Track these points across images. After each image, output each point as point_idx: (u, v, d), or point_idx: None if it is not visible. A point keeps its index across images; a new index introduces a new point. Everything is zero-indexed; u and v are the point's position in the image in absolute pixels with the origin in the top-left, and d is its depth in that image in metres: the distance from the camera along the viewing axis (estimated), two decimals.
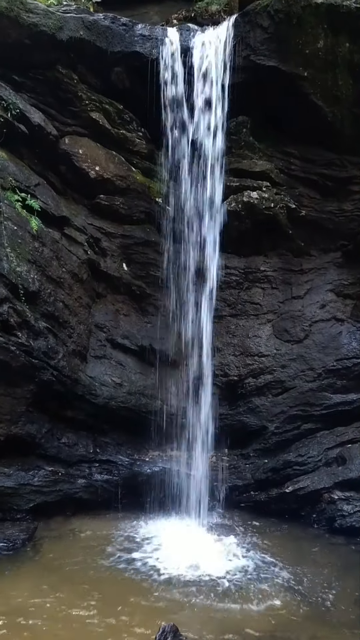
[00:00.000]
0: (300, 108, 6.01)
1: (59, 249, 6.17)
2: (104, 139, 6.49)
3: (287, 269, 6.76)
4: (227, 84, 5.96)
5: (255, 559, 5.06)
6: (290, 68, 5.81)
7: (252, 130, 6.40)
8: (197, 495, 6.06)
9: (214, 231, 6.43)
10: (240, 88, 6.01)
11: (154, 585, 4.40)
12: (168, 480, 6.15)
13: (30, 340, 5.53)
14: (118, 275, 6.79)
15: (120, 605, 4.04)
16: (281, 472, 6.39)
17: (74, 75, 6.18)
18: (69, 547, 5.04)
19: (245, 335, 6.78)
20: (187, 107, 6.22)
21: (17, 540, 4.86)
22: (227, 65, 5.88)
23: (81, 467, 6.14)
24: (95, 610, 3.92)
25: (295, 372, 6.57)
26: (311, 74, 5.80)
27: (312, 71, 5.79)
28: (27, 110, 5.98)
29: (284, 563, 5.02)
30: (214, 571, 4.71)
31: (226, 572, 4.73)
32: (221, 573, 4.70)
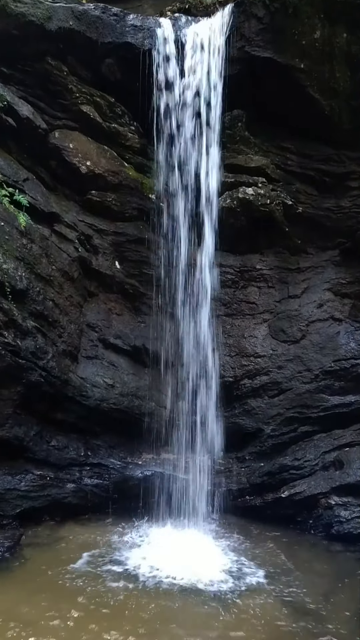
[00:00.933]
0: (296, 101, 5.85)
1: (49, 246, 6.00)
2: (95, 133, 6.32)
3: (283, 268, 6.60)
4: (222, 75, 5.77)
5: (250, 567, 4.87)
6: (286, 59, 5.64)
7: (248, 125, 6.23)
8: (191, 500, 5.89)
9: (208, 228, 6.24)
10: (235, 80, 5.84)
11: (143, 596, 4.20)
12: (161, 484, 5.97)
13: (18, 340, 5.34)
14: (110, 274, 6.63)
15: (104, 619, 3.84)
16: (277, 476, 6.22)
17: (63, 67, 6.01)
18: (55, 556, 4.84)
19: (241, 336, 6.62)
20: (180, 99, 6.03)
21: (0, 548, 4.66)
22: (222, 57, 5.70)
23: (71, 470, 5.95)
24: (74, 623, 3.72)
25: (292, 373, 6.41)
26: (308, 66, 5.64)
27: (308, 63, 5.63)
28: (15, 102, 5.81)
29: (279, 571, 4.84)
30: (206, 581, 4.51)
31: (220, 582, 4.54)
32: (214, 582, 4.51)
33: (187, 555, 4.90)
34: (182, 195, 6.37)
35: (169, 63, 5.89)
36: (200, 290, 6.36)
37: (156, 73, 5.99)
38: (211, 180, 6.17)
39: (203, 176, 6.17)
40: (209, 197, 6.23)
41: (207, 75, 5.80)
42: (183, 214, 6.35)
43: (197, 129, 6.07)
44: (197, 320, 6.34)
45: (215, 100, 5.88)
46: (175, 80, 5.94)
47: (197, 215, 6.30)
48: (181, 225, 6.41)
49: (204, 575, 4.59)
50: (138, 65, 5.89)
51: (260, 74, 5.79)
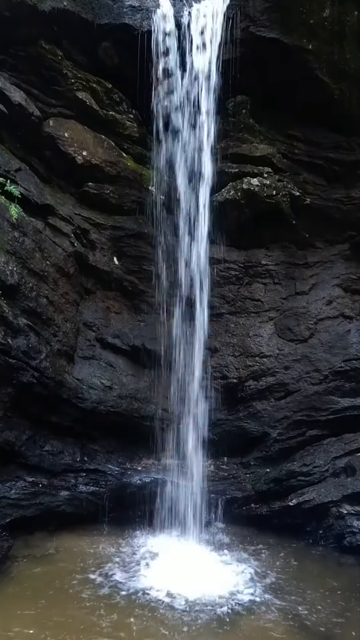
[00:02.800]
0: (304, 85, 5.53)
1: (42, 240, 5.69)
2: (92, 121, 6.02)
3: (290, 263, 6.28)
4: (224, 58, 5.45)
5: (255, 582, 4.52)
6: (293, 40, 5.32)
7: (252, 112, 5.92)
8: (193, 508, 5.55)
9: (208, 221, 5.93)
10: (238, 64, 5.52)
11: (141, 616, 3.85)
12: (160, 491, 5.64)
13: (8, 338, 5.02)
14: (108, 270, 6.32)
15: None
16: (284, 483, 5.87)
17: (58, 51, 5.71)
18: (46, 570, 4.49)
19: (246, 335, 6.30)
20: (181, 84, 5.72)
21: None
22: (224, 38, 5.38)
23: (66, 477, 5.62)
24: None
25: (299, 374, 6.08)
26: (316, 47, 5.32)
27: (317, 43, 5.31)
28: (7, 88, 5.51)
29: (287, 586, 4.49)
30: (208, 598, 4.17)
31: (223, 599, 4.19)
32: (216, 599, 4.16)
33: (188, 570, 4.56)
34: (182, 187, 6.05)
35: (169, 45, 5.57)
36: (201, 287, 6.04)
37: (155, 56, 5.67)
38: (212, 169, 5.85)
39: (205, 166, 5.85)
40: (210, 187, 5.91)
41: (209, 58, 5.47)
42: (183, 206, 6.02)
43: (198, 115, 5.73)
44: (199, 319, 6.01)
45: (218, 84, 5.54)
46: (175, 63, 5.63)
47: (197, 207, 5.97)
48: (181, 218, 6.09)
49: (207, 593, 4.24)
50: (136, 48, 5.60)
51: (265, 56, 5.47)
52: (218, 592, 4.27)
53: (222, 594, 4.24)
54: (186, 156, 6.00)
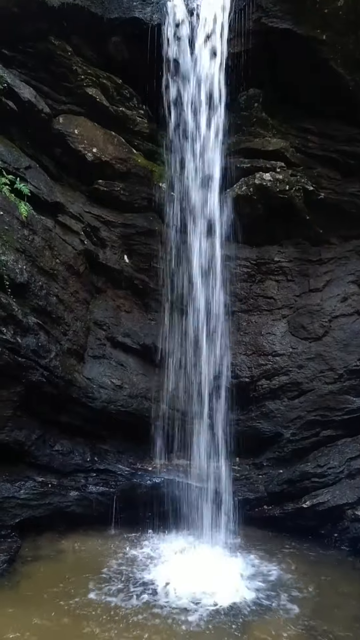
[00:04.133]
0: (318, 77, 5.38)
1: (52, 238, 5.64)
2: (102, 117, 5.95)
3: (304, 259, 6.15)
4: (236, 50, 5.34)
5: (267, 587, 4.41)
6: (307, 31, 5.17)
7: (264, 105, 5.78)
8: (204, 509, 5.45)
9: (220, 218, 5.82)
10: (250, 56, 5.40)
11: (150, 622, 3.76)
12: (172, 492, 5.55)
13: (18, 337, 4.98)
14: (119, 268, 6.25)
15: None
16: (298, 484, 5.75)
17: (67, 46, 5.64)
18: (55, 571, 4.43)
19: (258, 333, 6.18)
20: (192, 78, 5.62)
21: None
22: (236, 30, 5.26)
23: (76, 477, 5.57)
24: None
25: (313, 372, 5.95)
26: (330, 37, 5.16)
27: (331, 34, 5.15)
28: (16, 84, 5.46)
29: (300, 591, 4.37)
30: (220, 601, 4.08)
31: (234, 603, 4.08)
32: (227, 604, 4.06)
33: (200, 574, 4.45)
34: (193, 183, 5.95)
35: (179, 38, 5.47)
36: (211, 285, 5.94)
37: (166, 52, 5.58)
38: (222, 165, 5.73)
39: (217, 161, 5.74)
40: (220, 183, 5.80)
41: (220, 51, 5.35)
42: (194, 202, 5.92)
43: (208, 110, 5.62)
44: (209, 317, 5.91)
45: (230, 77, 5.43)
46: (185, 56, 5.52)
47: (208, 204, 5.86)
48: (191, 215, 5.99)
49: (219, 596, 4.14)
50: (146, 43, 5.50)
51: (278, 47, 5.34)
52: (229, 595, 4.17)
53: (233, 598, 4.14)
54: (197, 152, 5.89)
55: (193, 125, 5.83)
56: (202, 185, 5.97)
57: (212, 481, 5.68)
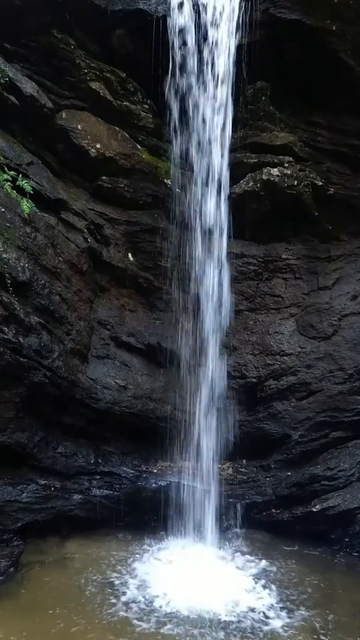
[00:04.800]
0: (327, 69, 5.26)
1: (55, 236, 5.52)
2: (106, 112, 5.83)
3: (312, 257, 6.01)
4: (243, 42, 5.20)
5: (276, 594, 4.27)
6: (316, 21, 5.05)
7: (272, 98, 5.65)
8: (211, 513, 5.32)
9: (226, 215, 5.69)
10: (257, 48, 5.26)
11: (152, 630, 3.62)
12: (177, 495, 5.42)
13: (20, 337, 4.85)
14: (123, 267, 6.13)
15: None
16: (307, 487, 5.60)
17: (70, 40, 5.53)
18: (57, 577, 4.31)
19: (265, 332, 6.05)
20: (198, 71, 5.48)
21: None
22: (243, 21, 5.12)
23: (80, 480, 5.44)
24: None
25: (322, 372, 5.82)
26: (340, 28, 5.04)
27: (341, 24, 5.03)
28: (18, 79, 5.34)
29: (309, 600, 4.22)
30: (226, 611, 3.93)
31: (241, 612, 3.94)
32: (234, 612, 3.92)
33: (205, 581, 4.32)
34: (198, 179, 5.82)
35: (185, 31, 5.34)
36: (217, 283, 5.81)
37: (172, 45, 5.44)
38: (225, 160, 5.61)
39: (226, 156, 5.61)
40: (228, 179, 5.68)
41: (227, 43, 5.22)
42: (199, 199, 5.79)
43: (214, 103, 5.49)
44: (216, 316, 5.78)
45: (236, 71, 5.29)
46: (191, 49, 5.39)
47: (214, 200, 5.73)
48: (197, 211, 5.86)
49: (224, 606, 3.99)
50: (151, 35, 5.37)
51: (286, 39, 5.21)
52: (236, 604, 4.03)
53: (240, 607, 4.00)
54: (203, 147, 5.76)
55: (199, 120, 5.70)
56: (208, 181, 5.84)
57: (218, 484, 5.54)
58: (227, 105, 5.49)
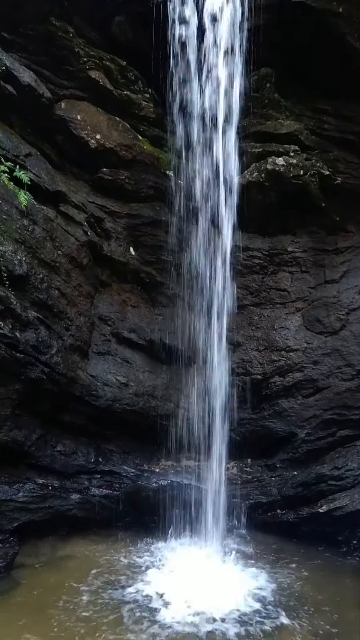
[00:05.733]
0: (334, 53, 5.08)
1: (54, 229, 5.38)
2: (106, 102, 5.69)
3: (319, 249, 5.83)
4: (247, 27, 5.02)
5: (281, 599, 4.09)
6: (322, 3, 4.88)
7: (277, 85, 5.48)
8: (214, 513, 5.15)
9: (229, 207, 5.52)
10: (262, 33, 5.08)
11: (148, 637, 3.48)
12: (179, 495, 5.27)
13: (16, 332, 4.72)
14: (124, 261, 5.99)
15: None
16: (313, 487, 5.43)
17: (69, 28, 5.40)
18: (54, 579, 4.17)
19: (271, 327, 5.88)
20: (200, 59, 5.32)
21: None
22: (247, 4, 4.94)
23: (79, 479, 5.31)
24: None
25: (329, 369, 5.63)
26: (347, 10, 4.86)
27: (347, 6, 4.86)
28: (16, 68, 5.21)
29: (316, 606, 4.04)
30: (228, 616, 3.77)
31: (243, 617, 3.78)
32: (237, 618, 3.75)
33: (208, 584, 4.16)
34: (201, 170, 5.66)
35: (186, 15, 5.17)
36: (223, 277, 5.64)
37: (172, 30, 5.28)
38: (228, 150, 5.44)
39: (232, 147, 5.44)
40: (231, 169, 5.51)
41: (229, 27, 5.04)
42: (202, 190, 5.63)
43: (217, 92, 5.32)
44: (219, 311, 5.62)
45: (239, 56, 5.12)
46: (193, 34, 5.23)
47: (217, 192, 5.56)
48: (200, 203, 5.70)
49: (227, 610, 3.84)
50: (151, 22, 5.22)
51: (292, 23, 5.02)
52: (239, 609, 3.88)
53: (243, 612, 3.84)
54: (205, 137, 5.60)
55: (201, 109, 5.53)
56: (211, 172, 5.68)
57: (222, 483, 5.38)
58: (231, 92, 5.31)
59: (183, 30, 5.28)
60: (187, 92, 5.52)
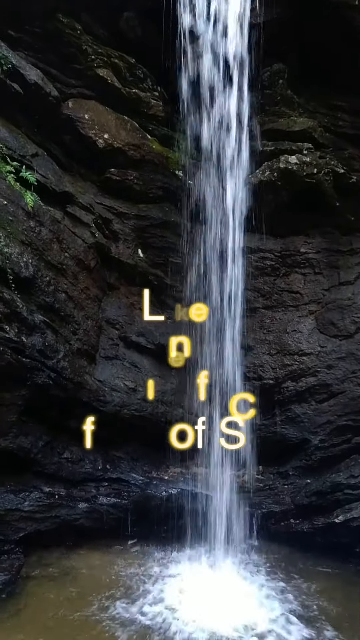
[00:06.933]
0: (349, 48, 4.90)
1: (61, 230, 5.26)
2: (114, 100, 5.56)
3: (333, 250, 5.66)
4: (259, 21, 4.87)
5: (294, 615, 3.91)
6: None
7: (290, 82, 5.31)
8: (224, 523, 4.99)
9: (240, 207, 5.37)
10: (274, 28, 4.93)
11: None
12: (189, 504, 5.11)
13: (22, 336, 4.59)
14: (132, 263, 5.85)
15: None
16: (328, 496, 5.24)
17: (77, 25, 5.28)
18: (59, 592, 4.03)
19: (283, 331, 5.72)
20: (212, 53, 5.17)
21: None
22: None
23: (86, 487, 5.17)
24: None
25: (344, 373, 5.46)
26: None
27: None
28: (22, 66, 5.09)
29: (331, 623, 3.85)
30: (239, 635, 3.59)
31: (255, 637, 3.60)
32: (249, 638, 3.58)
33: (220, 601, 3.99)
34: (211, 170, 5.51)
35: (197, 8, 5.02)
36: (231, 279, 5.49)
37: (182, 25, 5.14)
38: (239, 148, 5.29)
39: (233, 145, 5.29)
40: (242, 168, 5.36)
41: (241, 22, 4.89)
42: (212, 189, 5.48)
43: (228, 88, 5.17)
44: (230, 314, 5.47)
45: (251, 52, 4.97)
46: (205, 30, 5.07)
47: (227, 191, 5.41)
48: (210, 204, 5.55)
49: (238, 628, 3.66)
50: (161, 17, 5.06)
51: (305, 16, 4.86)
52: (253, 627, 3.70)
53: (257, 631, 3.66)
54: (216, 135, 5.45)
55: (212, 106, 5.39)
56: (222, 172, 5.53)
57: (233, 492, 5.22)
58: (243, 89, 5.16)
59: (194, 24, 5.12)
60: (197, 89, 5.38)
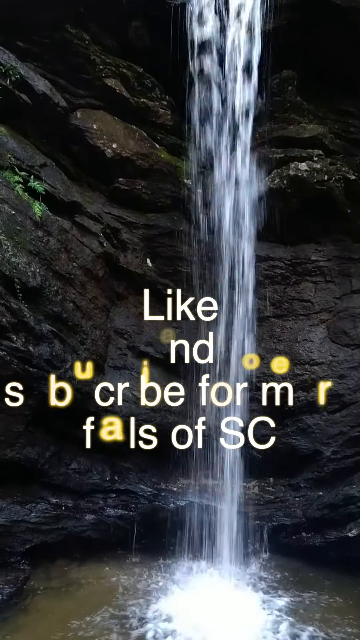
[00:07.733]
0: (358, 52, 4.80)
1: (69, 240, 5.25)
2: (122, 110, 5.57)
3: (344, 258, 5.58)
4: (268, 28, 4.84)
5: (309, 636, 3.78)
6: (347, 1, 4.62)
7: (300, 88, 5.27)
8: (235, 536, 4.89)
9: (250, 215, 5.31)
10: (284, 34, 4.89)
11: None
12: (198, 516, 5.02)
13: (29, 346, 4.57)
14: (141, 273, 5.83)
15: None
16: (341, 509, 5.12)
17: (85, 35, 5.31)
18: (65, 605, 3.96)
19: (294, 340, 5.63)
20: (219, 62, 5.15)
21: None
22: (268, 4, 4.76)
23: (94, 498, 5.12)
24: None
25: (356, 383, 5.38)
26: None
27: None
28: (30, 76, 5.12)
29: None
30: None
31: None
32: None
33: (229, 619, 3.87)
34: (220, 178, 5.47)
35: (205, 17, 5.02)
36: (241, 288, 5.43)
37: (191, 35, 5.13)
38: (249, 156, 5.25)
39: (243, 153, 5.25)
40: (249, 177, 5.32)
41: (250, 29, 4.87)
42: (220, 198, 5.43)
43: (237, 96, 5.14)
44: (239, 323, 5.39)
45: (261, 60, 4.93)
46: (212, 39, 5.06)
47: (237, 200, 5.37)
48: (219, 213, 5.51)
49: None
50: (169, 26, 5.07)
51: (314, 22, 4.82)
52: None
53: None
54: (225, 143, 5.42)
55: (221, 114, 5.37)
56: (231, 181, 5.49)
57: (243, 504, 5.12)
58: (252, 96, 5.13)
59: (202, 32, 5.11)
60: (207, 97, 5.36)
